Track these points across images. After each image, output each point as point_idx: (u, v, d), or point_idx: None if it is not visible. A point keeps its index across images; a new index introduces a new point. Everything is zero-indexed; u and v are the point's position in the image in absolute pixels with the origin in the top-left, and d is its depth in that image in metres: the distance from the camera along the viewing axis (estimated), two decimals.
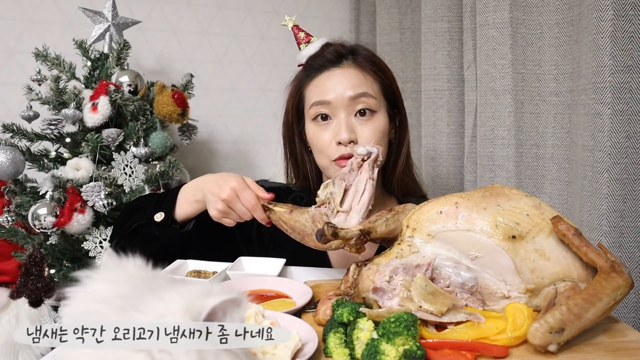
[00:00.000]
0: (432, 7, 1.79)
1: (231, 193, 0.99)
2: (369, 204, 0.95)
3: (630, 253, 1.16)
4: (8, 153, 1.50)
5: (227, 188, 0.99)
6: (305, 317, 0.78)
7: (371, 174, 0.97)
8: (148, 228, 1.11)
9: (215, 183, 1.03)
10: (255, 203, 0.98)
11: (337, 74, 1.15)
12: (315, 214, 0.95)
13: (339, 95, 1.12)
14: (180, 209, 1.10)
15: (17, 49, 1.99)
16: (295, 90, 1.23)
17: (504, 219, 0.74)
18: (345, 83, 1.13)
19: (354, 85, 1.12)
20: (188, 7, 2.27)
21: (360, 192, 0.96)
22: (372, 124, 1.12)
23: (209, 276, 0.96)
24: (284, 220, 0.97)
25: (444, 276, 0.74)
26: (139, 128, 1.70)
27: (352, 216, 0.94)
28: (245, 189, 0.99)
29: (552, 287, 0.72)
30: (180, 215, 1.11)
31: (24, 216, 1.56)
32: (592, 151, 1.18)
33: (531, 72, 1.44)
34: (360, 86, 1.12)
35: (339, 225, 0.91)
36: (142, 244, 1.12)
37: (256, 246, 1.25)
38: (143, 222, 1.12)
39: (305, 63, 1.21)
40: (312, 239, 0.94)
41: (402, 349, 0.59)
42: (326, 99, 1.12)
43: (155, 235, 1.11)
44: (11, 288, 1.62)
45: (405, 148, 1.22)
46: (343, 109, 1.11)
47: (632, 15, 1.10)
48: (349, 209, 0.95)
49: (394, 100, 1.20)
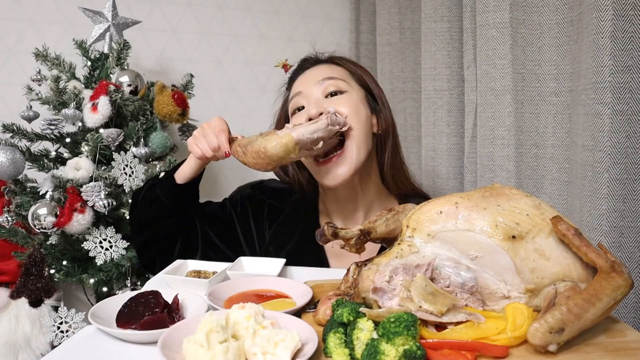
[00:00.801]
0: (432, 7, 1.78)
1: (208, 123, 1.14)
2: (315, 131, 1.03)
3: (630, 253, 1.16)
4: (8, 153, 1.50)
5: (210, 121, 1.14)
6: (305, 317, 0.78)
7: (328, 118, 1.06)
8: (153, 189, 1.22)
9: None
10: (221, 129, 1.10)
11: (310, 71, 1.25)
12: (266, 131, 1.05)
13: (310, 84, 1.20)
14: (180, 170, 1.21)
15: (17, 49, 1.99)
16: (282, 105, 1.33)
17: (504, 219, 0.74)
18: (316, 74, 1.22)
19: (323, 73, 1.21)
20: (188, 7, 2.27)
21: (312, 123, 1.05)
22: (342, 98, 1.18)
23: (209, 276, 0.96)
24: (238, 144, 1.06)
25: (444, 276, 0.74)
26: (139, 128, 1.70)
27: (296, 129, 1.03)
28: (221, 123, 1.12)
29: (552, 287, 0.72)
30: (180, 175, 1.21)
31: (24, 216, 1.56)
32: (592, 151, 1.18)
33: (531, 72, 1.44)
34: (329, 73, 1.21)
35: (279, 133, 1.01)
36: (147, 206, 1.22)
37: (257, 247, 1.26)
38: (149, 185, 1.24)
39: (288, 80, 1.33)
40: (253, 145, 1.02)
41: (402, 349, 0.59)
42: (298, 90, 1.21)
43: (157, 195, 1.20)
44: (11, 288, 1.62)
45: (390, 142, 1.24)
46: (313, 94, 1.19)
47: (632, 15, 1.10)
48: (293, 126, 1.06)
49: (371, 92, 1.25)
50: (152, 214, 1.21)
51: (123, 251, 1.61)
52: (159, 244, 1.22)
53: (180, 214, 1.21)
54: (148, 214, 1.21)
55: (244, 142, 1.05)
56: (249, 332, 0.63)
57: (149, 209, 1.21)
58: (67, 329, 1.51)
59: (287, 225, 1.25)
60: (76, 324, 1.51)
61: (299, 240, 1.21)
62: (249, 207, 1.29)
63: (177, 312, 0.79)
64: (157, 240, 1.21)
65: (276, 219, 1.26)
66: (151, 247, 1.23)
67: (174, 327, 0.69)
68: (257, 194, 1.31)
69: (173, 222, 1.20)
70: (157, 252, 1.22)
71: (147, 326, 0.73)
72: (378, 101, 1.25)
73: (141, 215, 1.23)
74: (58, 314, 1.51)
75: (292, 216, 1.26)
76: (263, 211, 1.28)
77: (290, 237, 1.23)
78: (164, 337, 0.65)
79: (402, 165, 1.29)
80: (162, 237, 1.21)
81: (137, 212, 1.25)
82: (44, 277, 1.57)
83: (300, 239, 1.22)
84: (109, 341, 0.74)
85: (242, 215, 1.29)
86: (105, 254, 1.59)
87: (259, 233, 1.27)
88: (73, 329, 1.50)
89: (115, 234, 1.61)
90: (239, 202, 1.30)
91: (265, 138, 1.02)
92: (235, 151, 1.07)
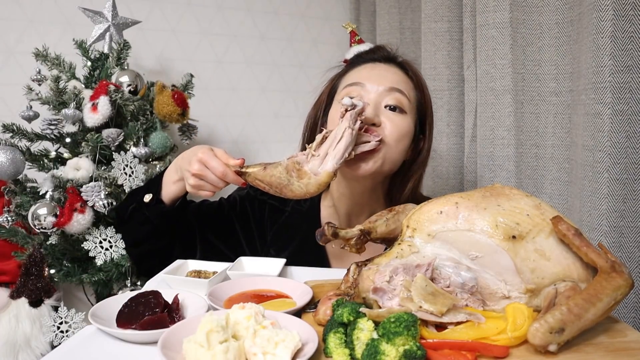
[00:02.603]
0: (432, 7, 1.79)
1: (199, 165, 1.00)
2: (344, 150, 0.95)
3: (630, 253, 1.16)
4: (8, 153, 1.50)
5: (194, 161, 1.01)
6: (305, 317, 0.78)
7: (351, 124, 0.97)
8: (140, 210, 1.14)
9: (186, 159, 1.05)
10: (223, 170, 0.99)
11: (381, 67, 1.15)
12: (288, 163, 0.96)
13: (376, 82, 1.10)
14: (166, 189, 1.13)
15: (17, 49, 1.99)
16: (333, 79, 1.23)
17: (504, 219, 0.74)
18: (386, 75, 1.12)
19: (394, 80, 1.12)
20: (188, 7, 2.27)
21: (337, 139, 0.96)
22: (399, 118, 1.09)
23: (209, 276, 0.96)
24: (260, 178, 0.98)
25: (444, 276, 0.74)
26: (139, 128, 1.70)
27: (327, 161, 0.95)
28: (212, 158, 1.00)
29: (553, 287, 0.72)
30: (166, 195, 1.13)
31: (24, 216, 1.56)
32: (592, 151, 1.18)
33: (531, 72, 1.44)
34: (399, 83, 1.12)
35: (311, 170, 0.94)
36: (138, 227, 1.16)
37: (258, 248, 1.25)
38: (136, 205, 1.15)
39: (352, 57, 1.21)
40: (290, 189, 0.95)
41: (402, 349, 0.59)
42: (362, 82, 1.11)
43: (147, 217, 1.13)
44: (11, 288, 1.62)
45: (418, 172, 1.19)
46: (375, 95, 1.09)
47: (632, 15, 1.10)
48: (325, 154, 0.95)
49: (424, 120, 1.18)
50: (146, 233, 1.16)
51: (123, 251, 1.61)
52: (156, 255, 1.18)
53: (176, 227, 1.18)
54: (141, 233, 1.16)
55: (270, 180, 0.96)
56: (249, 332, 0.63)
57: (140, 229, 1.15)
58: (67, 329, 1.51)
59: (289, 226, 1.24)
60: (76, 324, 1.51)
61: (301, 242, 1.21)
62: (249, 207, 1.27)
63: (177, 312, 0.79)
64: (153, 252, 1.18)
65: (277, 220, 1.25)
66: (148, 259, 1.20)
67: (174, 327, 0.69)
68: (257, 195, 1.29)
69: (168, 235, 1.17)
70: (155, 262, 1.17)
71: (147, 326, 0.73)
72: (426, 129, 1.19)
73: (133, 233, 1.19)
74: (58, 314, 1.51)
75: (293, 217, 1.25)
76: (264, 212, 1.26)
77: (292, 239, 1.22)
78: (164, 337, 0.65)
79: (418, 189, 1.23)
80: (159, 249, 1.17)
81: (128, 230, 1.20)
82: (44, 277, 1.57)
83: (302, 240, 1.21)
84: (109, 341, 0.74)
85: (242, 215, 1.27)
86: (105, 254, 1.58)
87: (260, 234, 1.26)
88: (73, 329, 1.50)
89: (115, 234, 1.61)
90: (239, 203, 1.28)
91: (303, 182, 0.95)
92: (258, 185, 0.98)
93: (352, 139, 0.97)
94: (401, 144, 1.10)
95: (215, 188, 1.03)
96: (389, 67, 1.16)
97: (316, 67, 1.19)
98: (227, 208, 1.28)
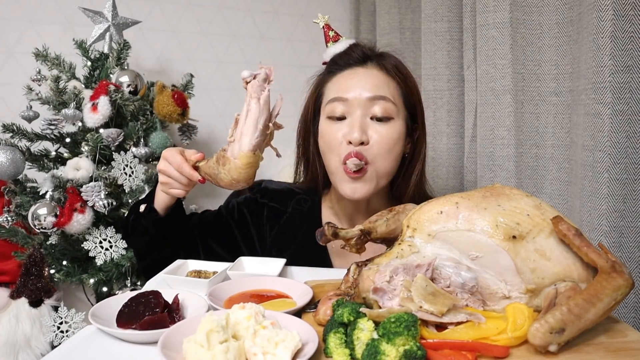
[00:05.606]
0: (432, 7, 1.79)
1: (163, 162, 1.05)
2: (256, 123, 0.93)
3: (630, 253, 1.16)
4: (8, 153, 1.50)
5: (160, 160, 1.06)
6: (306, 317, 0.77)
7: (255, 94, 0.94)
8: (139, 221, 1.15)
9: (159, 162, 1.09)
10: (180, 162, 1.02)
11: (360, 72, 1.13)
12: (218, 153, 0.97)
13: (358, 94, 1.09)
14: (157, 198, 1.14)
15: (17, 49, 1.99)
16: (315, 87, 1.21)
17: (504, 219, 0.74)
18: (366, 82, 1.10)
19: (375, 86, 1.10)
20: (188, 7, 2.27)
21: (246, 115, 0.95)
22: (386, 129, 1.09)
23: (209, 276, 0.96)
24: (205, 172, 0.99)
25: (445, 276, 0.74)
26: (139, 128, 1.70)
27: (244, 141, 0.94)
28: (174, 155, 1.04)
29: (553, 287, 0.72)
30: (158, 204, 1.14)
31: (24, 216, 1.56)
32: (592, 151, 1.18)
33: (531, 72, 1.44)
34: (380, 88, 1.10)
35: (232, 155, 0.94)
36: (138, 238, 1.17)
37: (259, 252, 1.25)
38: (134, 217, 1.17)
39: (329, 60, 1.20)
40: (220, 178, 0.97)
41: (403, 349, 0.59)
42: (344, 96, 1.10)
43: (145, 227, 1.14)
44: (11, 288, 1.62)
45: (419, 165, 1.18)
46: (359, 109, 1.09)
47: (632, 15, 1.10)
48: (240, 135, 0.95)
49: (414, 112, 1.17)
50: (147, 243, 1.17)
51: (123, 251, 1.61)
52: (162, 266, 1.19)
53: (174, 236, 1.18)
54: (142, 243, 1.18)
55: (209, 172, 0.99)
56: (249, 332, 0.63)
57: (141, 239, 1.17)
58: (67, 329, 1.51)
59: (289, 227, 1.23)
60: (76, 324, 1.51)
61: (302, 242, 1.20)
62: (247, 212, 1.26)
63: (177, 312, 0.79)
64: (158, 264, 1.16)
65: (278, 222, 1.25)
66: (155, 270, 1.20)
67: (174, 327, 0.69)
68: (258, 197, 1.28)
69: (169, 245, 1.18)
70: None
71: (147, 326, 0.73)
72: (418, 121, 1.17)
73: (136, 244, 1.21)
74: (58, 314, 1.51)
75: (294, 218, 1.24)
76: (263, 214, 1.25)
77: (293, 239, 1.22)
78: (164, 337, 0.65)
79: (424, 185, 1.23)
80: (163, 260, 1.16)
81: (132, 242, 1.23)
82: (44, 277, 1.57)
83: (303, 240, 1.20)
84: (109, 341, 0.74)
85: (240, 221, 1.26)
86: (105, 254, 1.58)
87: (259, 237, 1.25)
88: (73, 329, 1.50)
89: (115, 234, 1.61)
90: (236, 209, 1.27)
91: (226, 169, 0.95)
92: (207, 178, 1.01)
93: (261, 108, 0.94)
94: (393, 152, 1.10)
95: (181, 185, 1.05)
96: (366, 70, 1.14)
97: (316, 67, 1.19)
98: (225, 216, 1.27)
